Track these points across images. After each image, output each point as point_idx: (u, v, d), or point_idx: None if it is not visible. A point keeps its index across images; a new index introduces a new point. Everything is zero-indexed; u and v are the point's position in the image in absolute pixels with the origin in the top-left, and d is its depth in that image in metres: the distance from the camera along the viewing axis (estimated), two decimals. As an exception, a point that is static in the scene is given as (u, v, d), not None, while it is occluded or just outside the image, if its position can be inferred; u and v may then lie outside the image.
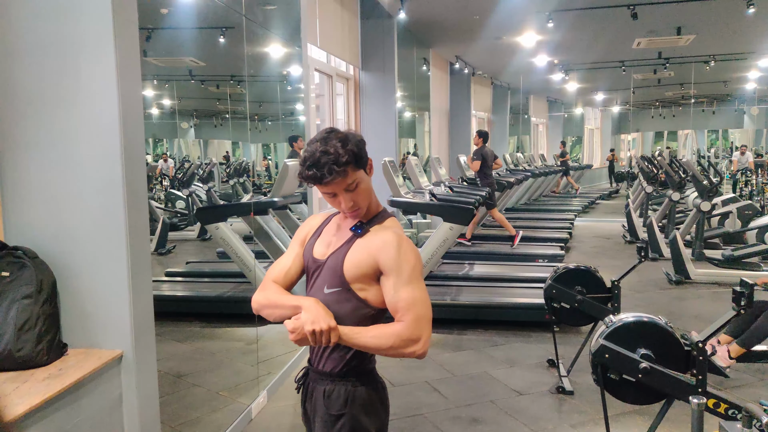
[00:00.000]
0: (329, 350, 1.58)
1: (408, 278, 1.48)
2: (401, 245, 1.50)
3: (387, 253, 1.48)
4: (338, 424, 1.55)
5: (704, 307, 5.53)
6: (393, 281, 1.48)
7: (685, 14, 7.82)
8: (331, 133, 1.51)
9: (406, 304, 1.47)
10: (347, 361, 1.56)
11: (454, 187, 6.88)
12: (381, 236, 1.52)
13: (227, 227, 4.60)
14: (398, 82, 7.28)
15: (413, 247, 1.53)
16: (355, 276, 1.52)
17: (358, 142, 1.50)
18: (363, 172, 1.52)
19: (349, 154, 1.46)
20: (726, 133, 19.19)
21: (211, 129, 5.85)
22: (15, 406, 1.75)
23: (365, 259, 1.51)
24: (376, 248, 1.50)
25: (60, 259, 2.20)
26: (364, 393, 1.57)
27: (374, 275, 1.51)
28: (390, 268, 1.48)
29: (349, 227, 1.58)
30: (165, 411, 2.87)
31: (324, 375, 1.59)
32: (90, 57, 2.13)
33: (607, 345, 2.51)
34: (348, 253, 1.54)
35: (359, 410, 1.56)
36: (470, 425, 3.30)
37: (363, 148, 1.52)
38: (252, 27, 4.03)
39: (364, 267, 1.51)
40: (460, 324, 4.97)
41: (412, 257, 1.50)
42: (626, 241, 9.09)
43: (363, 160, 1.51)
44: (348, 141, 1.48)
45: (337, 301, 1.54)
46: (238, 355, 4.22)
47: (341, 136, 1.49)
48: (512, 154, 12.33)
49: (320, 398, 1.58)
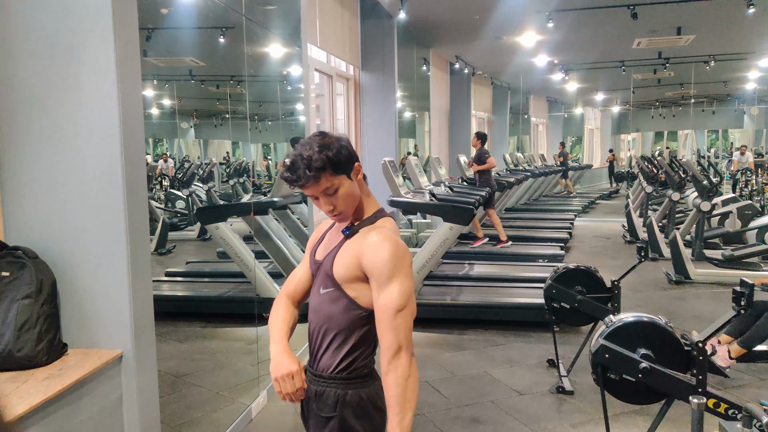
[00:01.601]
0: (322, 351, 1.58)
1: (387, 280, 1.46)
2: (381, 246, 1.48)
3: (368, 255, 1.49)
4: (328, 426, 1.56)
5: (704, 307, 5.53)
6: (374, 284, 1.49)
7: (685, 14, 7.82)
8: (316, 137, 1.51)
9: (382, 314, 1.47)
10: (338, 363, 1.56)
11: (454, 187, 6.88)
12: (366, 237, 1.52)
13: (227, 227, 4.60)
14: (398, 82, 7.29)
15: (397, 245, 1.50)
16: (344, 277, 1.53)
17: (340, 148, 1.49)
18: (345, 177, 1.51)
19: (323, 159, 1.45)
20: (726, 133, 19.20)
21: (211, 129, 5.86)
22: (15, 406, 1.75)
23: (351, 260, 1.52)
24: (359, 250, 1.51)
25: (60, 259, 2.20)
26: (356, 396, 1.56)
27: (362, 276, 1.51)
28: (370, 270, 1.49)
29: (341, 229, 1.59)
30: (165, 411, 2.87)
31: (317, 376, 1.59)
32: (90, 57, 2.13)
33: (607, 345, 2.51)
34: (337, 255, 1.55)
35: (349, 413, 1.55)
36: (471, 425, 3.30)
37: (345, 153, 1.50)
38: (252, 27, 4.03)
39: (351, 268, 1.52)
40: (461, 324, 4.97)
41: (392, 257, 1.47)
42: (626, 241, 9.09)
43: (342, 165, 1.49)
44: (328, 147, 1.47)
45: (330, 300, 1.55)
46: (238, 355, 4.22)
47: (323, 142, 1.48)
48: (512, 154, 12.33)
49: (313, 399, 1.59)
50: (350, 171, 1.52)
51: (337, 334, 1.55)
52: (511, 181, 9.28)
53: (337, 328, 1.55)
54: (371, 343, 1.58)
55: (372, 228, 1.56)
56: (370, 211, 1.60)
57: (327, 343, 1.57)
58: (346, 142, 1.53)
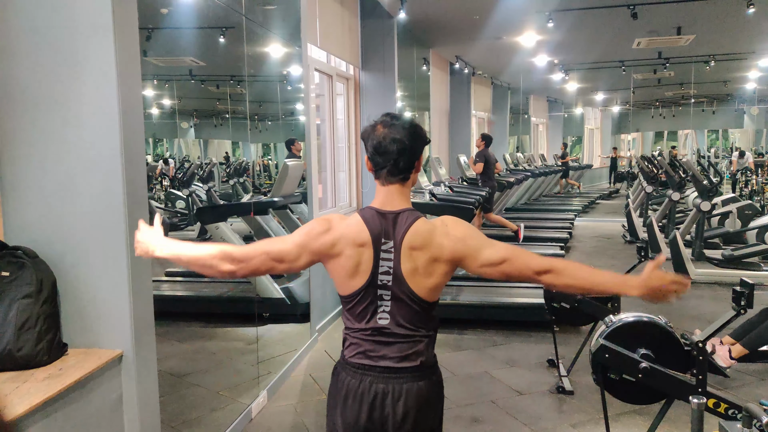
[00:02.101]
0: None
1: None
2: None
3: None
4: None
5: (704, 307, 5.53)
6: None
7: (685, 14, 7.81)
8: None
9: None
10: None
11: (454, 186, 6.88)
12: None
13: (227, 227, 4.60)
14: (398, 82, 7.27)
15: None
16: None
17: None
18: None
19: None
20: (726, 133, 19.17)
21: (211, 129, 5.85)
22: (15, 406, 1.75)
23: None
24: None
25: (60, 259, 2.20)
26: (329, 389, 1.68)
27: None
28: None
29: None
30: (165, 411, 2.87)
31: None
32: (90, 57, 2.13)
33: (607, 345, 2.51)
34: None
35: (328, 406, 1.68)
36: (471, 425, 3.30)
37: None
38: (252, 27, 4.03)
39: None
40: (461, 324, 4.97)
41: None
42: (626, 241, 9.09)
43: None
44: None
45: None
46: (238, 354, 4.22)
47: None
48: (512, 154, 12.32)
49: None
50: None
51: None
52: (511, 181, 9.28)
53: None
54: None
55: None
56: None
57: None
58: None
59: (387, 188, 1.59)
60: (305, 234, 1.58)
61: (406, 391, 1.55)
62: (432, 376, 1.61)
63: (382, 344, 1.57)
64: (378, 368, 1.56)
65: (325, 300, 5.04)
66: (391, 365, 1.56)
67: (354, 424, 1.56)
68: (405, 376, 1.56)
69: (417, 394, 1.56)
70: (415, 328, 1.58)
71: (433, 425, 1.62)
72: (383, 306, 1.56)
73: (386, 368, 1.56)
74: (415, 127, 1.58)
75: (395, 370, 1.56)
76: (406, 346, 1.57)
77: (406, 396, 1.55)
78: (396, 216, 1.57)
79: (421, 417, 1.56)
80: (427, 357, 1.60)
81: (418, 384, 1.56)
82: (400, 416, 1.54)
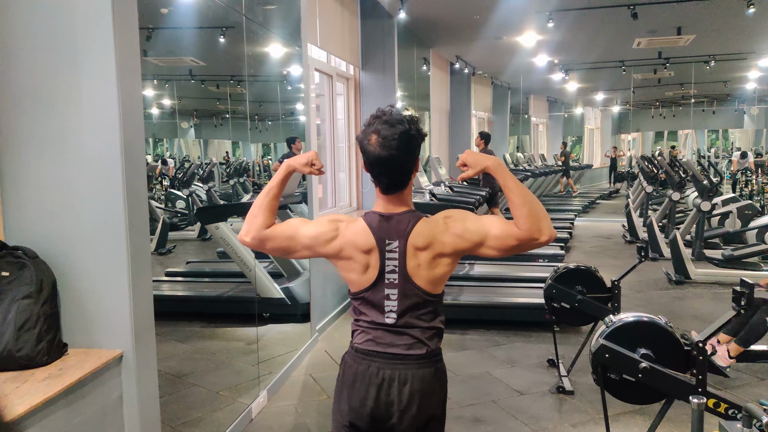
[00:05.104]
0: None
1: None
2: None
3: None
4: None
5: (704, 307, 5.53)
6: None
7: (685, 14, 7.81)
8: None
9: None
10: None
11: (454, 186, 6.88)
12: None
13: (227, 227, 4.60)
14: (398, 81, 7.27)
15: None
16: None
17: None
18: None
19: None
20: (726, 133, 19.17)
21: (211, 129, 5.85)
22: (15, 406, 1.75)
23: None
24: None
25: (60, 259, 2.20)
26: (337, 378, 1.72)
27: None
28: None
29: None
30: (165, 411, 2.87)
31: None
32: (90, 56, 2.13)
33: (607, 345, 2.51)
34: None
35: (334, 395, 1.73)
36: (472, 425, 3.30)
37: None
38: (252, 27, 4.03)
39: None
40: (462, 324, 4.97)
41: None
42: (626, 241, 9.09)
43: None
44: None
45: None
46: (238, 355, 4.22)
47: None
48: (512, 154, 12.32)
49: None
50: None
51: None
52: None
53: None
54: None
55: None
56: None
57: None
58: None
59: (387, 196, 1.66)
60: (314, 238, 1.66)
61: (411, 377, 1.61)
62: (437, 364, 1.67)
63: (390, 334, 1.64)
64: (386, 354, 1.62)
65: (325, 300, 5.04)
66: (399, 352, 1.62)
67: (360, 407, 1.62)
68: (411, 363, 1.62)
69: (422, 380, 1.62)
70: (422, 321, 1.65)
71: (436, 411, 1.66)
72: (391, 302, 1.63)
73: (394, 355, 1.62)
74: (408, 132, 1.58)
75: (402, 357, 1.62)
76: (414, 338, 1.63)
77: (411, 381, 1.61)
78: (399, 218, 1.64)
79: (425, 402, 1.62)
80: (434, 347, 1.66)
81: (424, 371, 1.63)
82: (405, 401, 1.60)
